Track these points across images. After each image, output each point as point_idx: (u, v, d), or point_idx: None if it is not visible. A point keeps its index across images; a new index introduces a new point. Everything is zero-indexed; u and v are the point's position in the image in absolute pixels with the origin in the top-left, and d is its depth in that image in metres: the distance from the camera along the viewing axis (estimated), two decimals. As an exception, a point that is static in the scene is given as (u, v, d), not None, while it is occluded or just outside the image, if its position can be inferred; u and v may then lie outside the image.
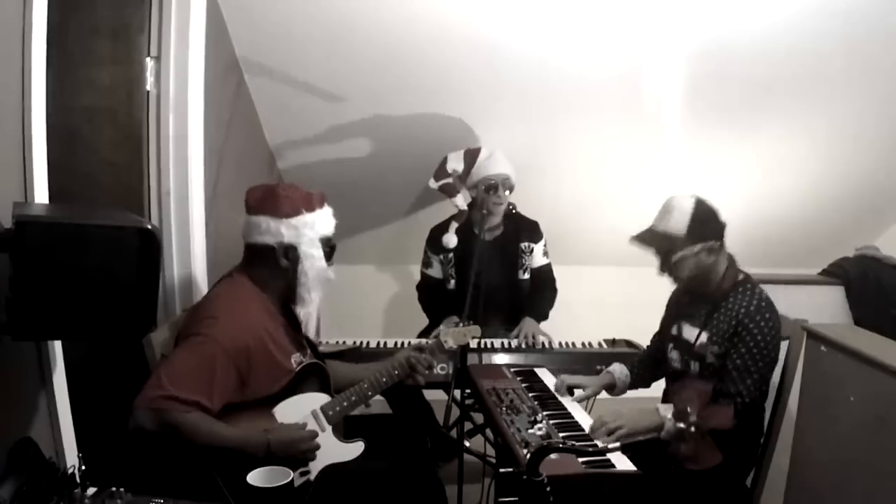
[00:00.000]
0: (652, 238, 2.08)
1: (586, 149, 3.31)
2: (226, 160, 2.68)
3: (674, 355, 2.14)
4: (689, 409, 1.61)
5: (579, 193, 3.53)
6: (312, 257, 1.91)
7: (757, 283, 2.06)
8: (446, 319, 2.87)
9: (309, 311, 1.98)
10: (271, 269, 1.92)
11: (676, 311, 2.22)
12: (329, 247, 1.97)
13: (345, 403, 1.97)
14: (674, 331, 2.17)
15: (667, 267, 2.07)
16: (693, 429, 1.59)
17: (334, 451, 1.91)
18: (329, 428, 1.92)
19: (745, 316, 1.94)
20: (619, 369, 2.29)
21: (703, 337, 2.03)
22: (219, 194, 2.59)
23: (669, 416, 1.77)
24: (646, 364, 2.32)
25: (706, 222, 2.03)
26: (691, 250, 2.01)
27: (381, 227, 3.78)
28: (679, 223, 2.02)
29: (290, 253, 1.90)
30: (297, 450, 1.80)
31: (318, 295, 1.95)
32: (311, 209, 1.92)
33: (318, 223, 1.93)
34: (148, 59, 2.21)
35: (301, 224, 1.89)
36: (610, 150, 3.31)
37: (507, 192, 2.86)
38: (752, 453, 2.12)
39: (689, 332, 2.09)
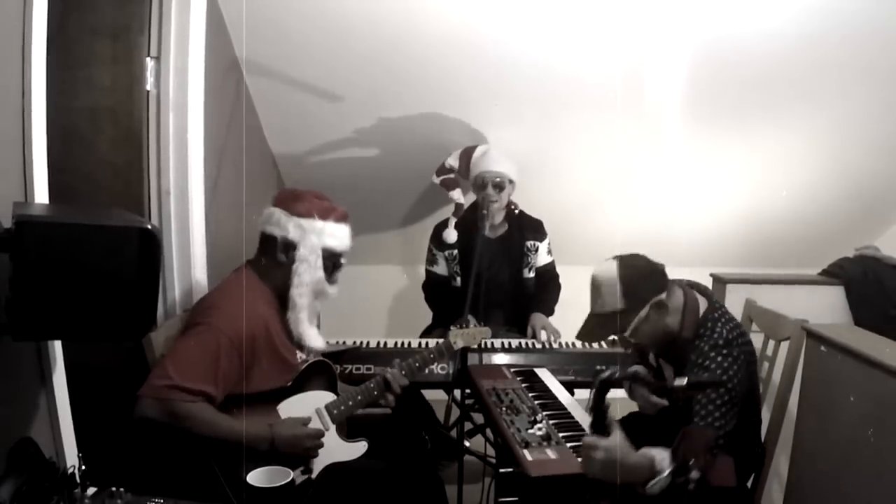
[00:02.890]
0: (598, 323, 1.90)
1: (586, 149, 3.31)
2: (226, 160, 2.68)
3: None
4: (691, 463, 1.49)
5: (580, 193, 3.53)
6: (308, 263, 1.91)
7: (720, 312, 1.90)
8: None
9: (298, 318, 1.94)
10: (272, 262, 1.94)
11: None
12: (333, 262, 1.97)
13: (350, 403, 1.97)
14: (651, 361, 2.11)
15: (628, 345, 1.92)
16: (692, 486, 1.47)
17: (337, 450, 1.91)
18: (333, 427, 1.92)
19: (702, 355, 1.80)
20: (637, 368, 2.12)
21: (682, 381, 1.86)
22: (219, 194, 2.59)
23: (667, 470, 1.53)
24: None
25: (639, 281, 1.86)
26: (639, 317, 1.84)
27: (381, 227, 3.78)
28: (612, 297, 1.85)
29: (290, 251, 1.92)
30: (300, 447, 1.80)
31: (308, 303, 1.94)
32: (323, 218, 1.94)
33: (325, 233, 1.93)
34: (148, 59, 2.21)
35: (309, 227, 1.92)
36: (610, 150, 3.31)
37: (502, 191, 2.86)
38: (753, 456, 2.12)
39: (668, 371, 2.01)
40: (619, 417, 2.15)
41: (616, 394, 2.45)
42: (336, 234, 1.96)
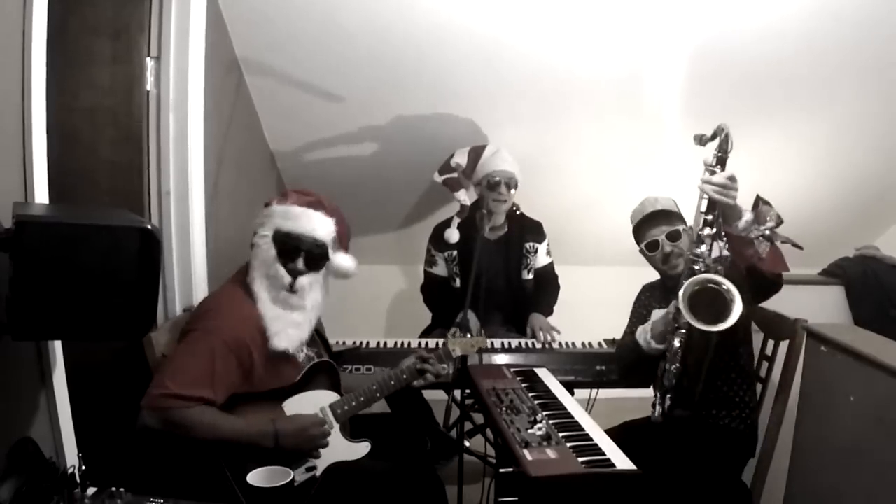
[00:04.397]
0: (659, 214, 2.23)
1: (587, 149, 3.31)
2: (226, 160, 2.68)
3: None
4: (768, 218, 1.89)
5: (580, 193, 3.53)
6: (259, 247, 1.87)
7: None
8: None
9: (261, 310, 1.83)
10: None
11: (648, 305, 2.29)
12: (294, 247, 1.85)
13: (353, 403, 1.97)
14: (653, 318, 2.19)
15: (673, 242, 2.19)
16: (768, 233, 1.87)
17: (341, 449, 1.92)
18: (337, 426, 1.93)
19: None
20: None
21: None
22: (219, 194, 2.59)
23: (750, 214, 1.95)
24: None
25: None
26: (683, 226, 2.22)
27: (381, 227, 3.78)
28: (670, 202, 2.27)
29: (252, 239, 1.92)
30: (306, 435, 1.80)
31: (263, 288, 1.84)
32: (281, 203, 1.90)
33: (277, 215, 1.87)
34: (148, 59, 2.21)
35: (265, 214, 1.91)
36: (610, 150, 3.31)
37: (511, 191, 2.86)
38: (749, 443, 2.14)
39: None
40: (612, 426, 2.16)
41: (611, 393, 2.46)
42: (291, 216, 1.86)
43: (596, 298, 3.59)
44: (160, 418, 1.66)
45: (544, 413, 1.88)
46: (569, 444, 1.64)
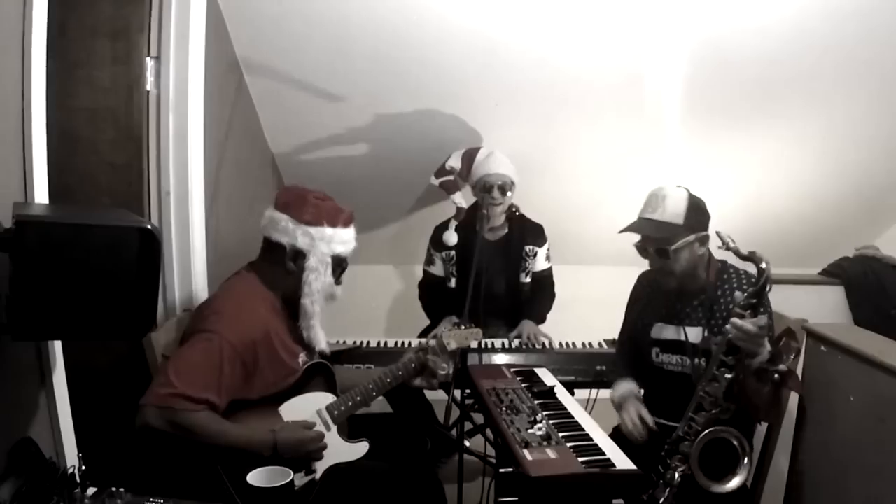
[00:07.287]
0: (646, 227, 2.01)
1: (586, 149, 3.31)
2: (226, 160, 2.68)
3: (665, 358, 2.11)
4: (784, 355, 1.73)
5: (579, 193, 3.53)
6: (318, 272, 1.90)
7: (732, 266, 2.06)
8: (445, 319, 2.87)
9: (311, 324, 1.95)
10: (279, 268, 1.93)
11: (654, 311, 2.16)
12: (341, 267, 1.98)
13: (350, 403, 1.97)
14: (657, 333, 2.13)
15: (662, 259, 1.99)
16: (777, 377, 1.72)
17: (339, 450, 1.92)
18: (334, 428, 1.93)
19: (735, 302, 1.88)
20: (632, 388, 2.19)
21: (704, 332, 2.00)
22: (219, 194, 2.59)
23: (767, 352, 1.78)
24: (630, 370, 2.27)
25: (699, 212, 2.01)
26: (687, 240, 1.97)
27: (381, 227, 3.78)
28: (676, 211, 1.98)
29: (299, 260, 1.91)
30: (304, 450, 1.80)
31: (320, 309, 1.94)
32: (332, 224, 1.92)
33: (335, 240, 1.93)
34: (148, 59, 2.21)
35: (318, 235, 1.90)
36: (610, 150, 3.31)
37: (506, 195, 2.85)
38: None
39: (690, 333, 2.05)
40: (613, 426, 2.15)
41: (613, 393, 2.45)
42: (344, 240, 1.96)
43: (596, 298, 3.58)
44: (165, 418, 1.64)
45: (544, 413, 1.88)
46: (569, 444, 1.64)
